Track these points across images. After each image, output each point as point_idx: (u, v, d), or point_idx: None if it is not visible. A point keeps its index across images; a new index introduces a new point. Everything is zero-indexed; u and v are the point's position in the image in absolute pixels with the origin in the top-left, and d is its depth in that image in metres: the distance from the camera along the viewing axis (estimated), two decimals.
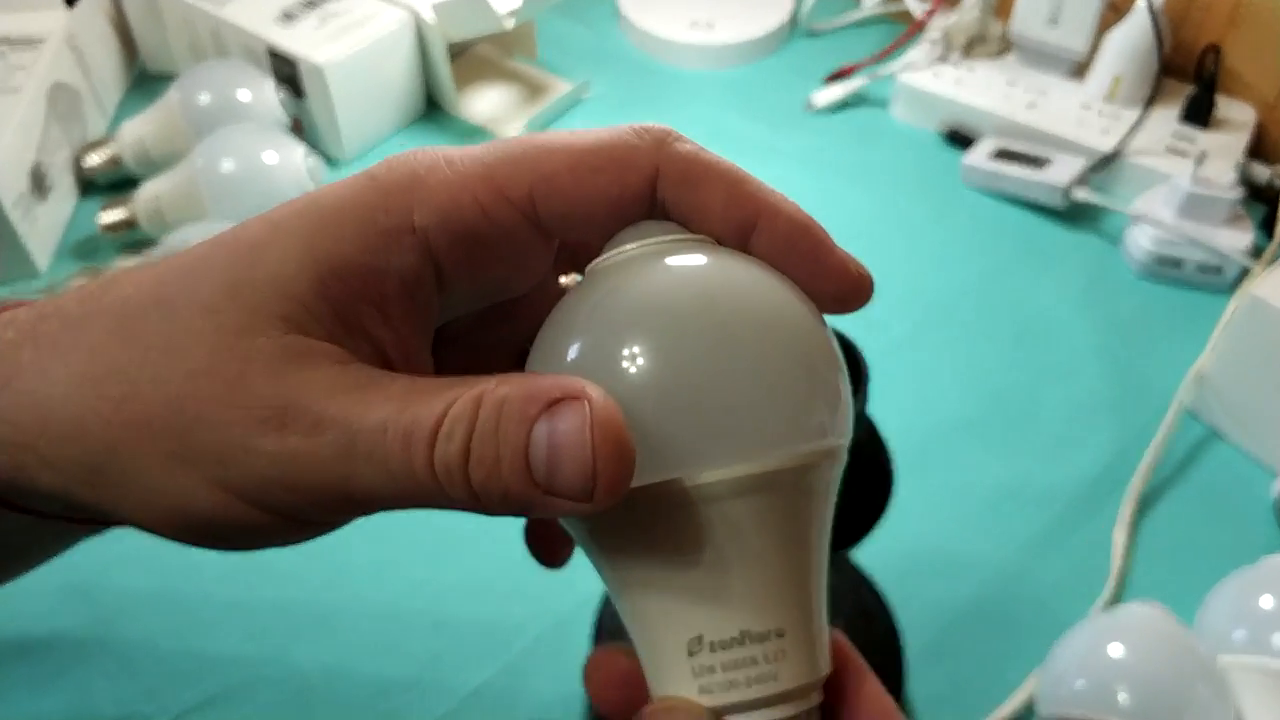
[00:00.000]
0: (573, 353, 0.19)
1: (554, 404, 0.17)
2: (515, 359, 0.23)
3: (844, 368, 0.20)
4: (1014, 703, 0.38)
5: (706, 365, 0.18)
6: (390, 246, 0.19)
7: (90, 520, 0.21)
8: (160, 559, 0.42)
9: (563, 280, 0.24)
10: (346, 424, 0.17)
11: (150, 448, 0.18)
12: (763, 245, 0.20)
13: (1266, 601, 0.37)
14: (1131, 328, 0.53)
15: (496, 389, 0.17)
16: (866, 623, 0.40)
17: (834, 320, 0.29)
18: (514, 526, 0.47)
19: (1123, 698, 0.34)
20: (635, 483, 0.17)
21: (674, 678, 0.19)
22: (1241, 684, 0.35)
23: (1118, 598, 0.42)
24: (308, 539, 0.20)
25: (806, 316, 0.20)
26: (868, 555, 0.41)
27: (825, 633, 0.20)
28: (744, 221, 0.20)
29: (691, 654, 0.19)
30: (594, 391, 0.17)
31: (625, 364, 0.18)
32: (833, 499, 0.20)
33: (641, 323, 0.18)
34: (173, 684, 0.38)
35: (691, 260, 0.19)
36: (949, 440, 0.48)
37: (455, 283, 0.20)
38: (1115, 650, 0.35)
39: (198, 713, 0.38)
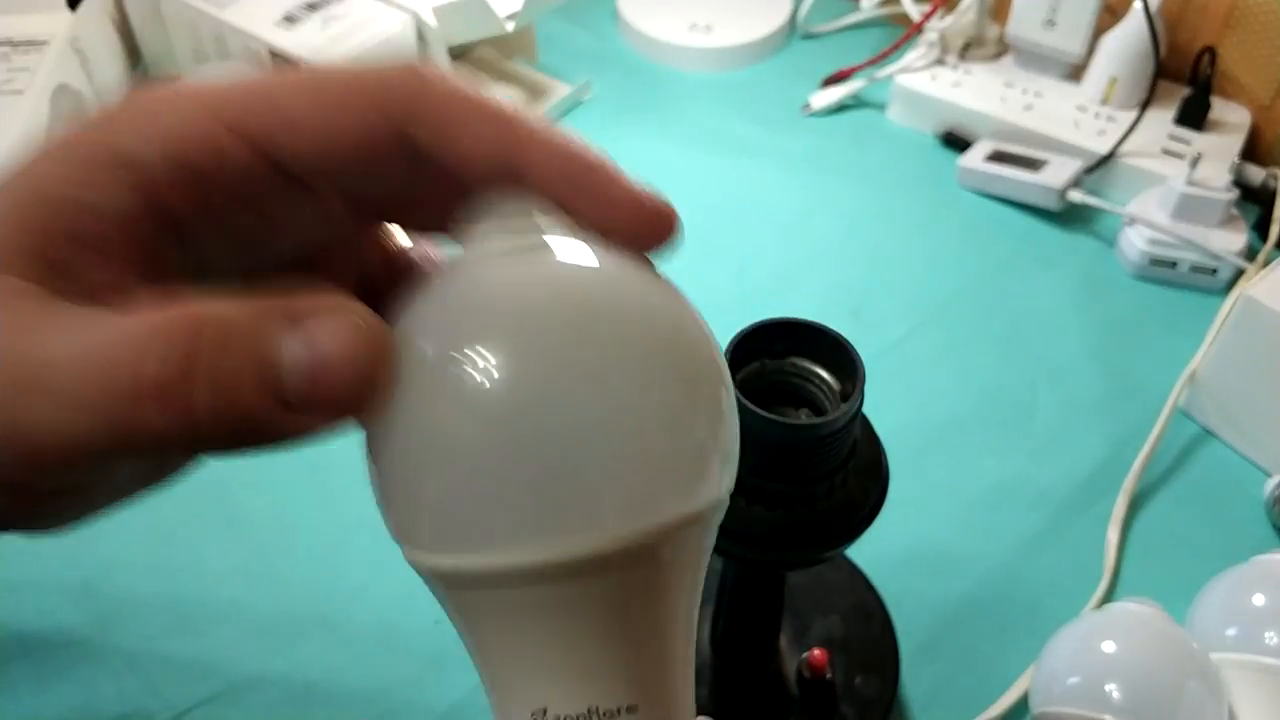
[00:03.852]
0: (411, 387, 0.16)
1: (300, 318, 0.16)
2: None
3: (724, 404, 0.18)
4: (1007, 699, 0.39)
5: (548, 427, 0.16)
6: (103, 180, 0.17)
7: None
8: (162, 556, 0.43)
9: (397, 237, 0.22)
10: (24, 355, 0.15)
11: None
12: (539, 188, 0.18)
13: (1258, 599, 0.38)
14: (1126, 328, 0.54)
15: (215, 307, 0.15)
16: (862, 620, 0.40)
17: (830, 321, 0.29)
18: None
19: (1115, 694, 0.34)
20: (467, 561, 0.16)
21: None
22: (1234, 681, 0.36)
23: (1111, 595, 0.43)
24: (57, 525, 0.18)
25: (678, 348, 0.17)
26: (863, 553, 0.42)
27: (688, 697, 0.18)
28: (512, 165, 0.18)
29: None
30: (351, 303, 0.16)
31: (466, 423, 0.16)
32: (704, 560, 0.18)
33: (486, 376, 0.16)
34: (175, 681, 0.39)
35: (542, 281, 0.17)
36: (944, 439, 0.48)
37: (196, 229, 0.18)
38: (1108, 647, 0.35)
39: (200, 710, 0.38)
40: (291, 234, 0.20)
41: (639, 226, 0.18)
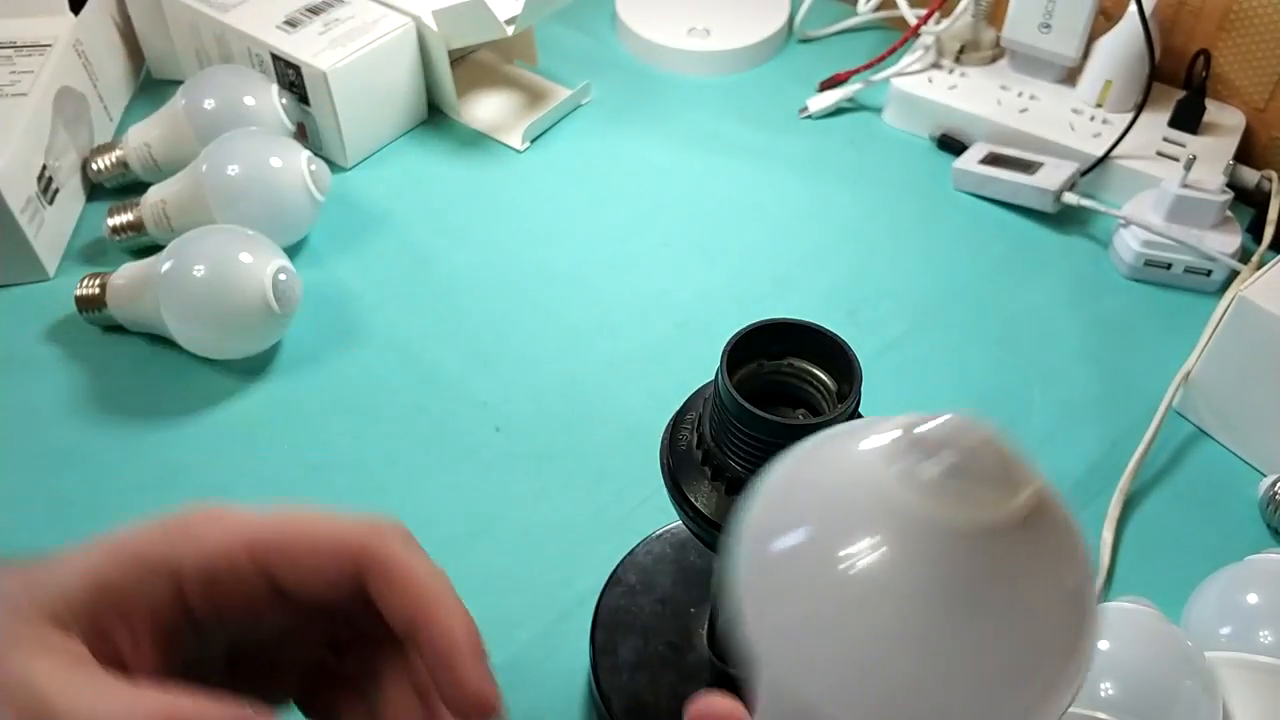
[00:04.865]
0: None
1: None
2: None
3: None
4: None
5: None
6: (149, 579, 0.24)
7: None
8: None
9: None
10: (62, 707, 0.21)
11: None
12: (419, 647, 0.24)
13: (1252, 598, 0.38)
14: (1120, 329, 0.54)
15: (181, 704, 0.21)
16: None
17: (827, 322, 0.30)
18: (512, 525, 0.47)
19: (1111, 692, 0.34)
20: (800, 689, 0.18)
21: None
22: (1228, 680, 0.36)
23: (1106, 595, 0.43)
24: None
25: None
26: None
27: None
28: (409, 623, 0.24)
29: None
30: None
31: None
32: None
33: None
34: None
35: None
36: None
37: (205, 618, 0.25)
38: (1103, 646, 0.36)
39: None
40: (268, 622, 0.26)
41: (463, 704, 0.24)
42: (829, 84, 0.69)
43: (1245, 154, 0.61)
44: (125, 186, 0.59)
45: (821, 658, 0.17)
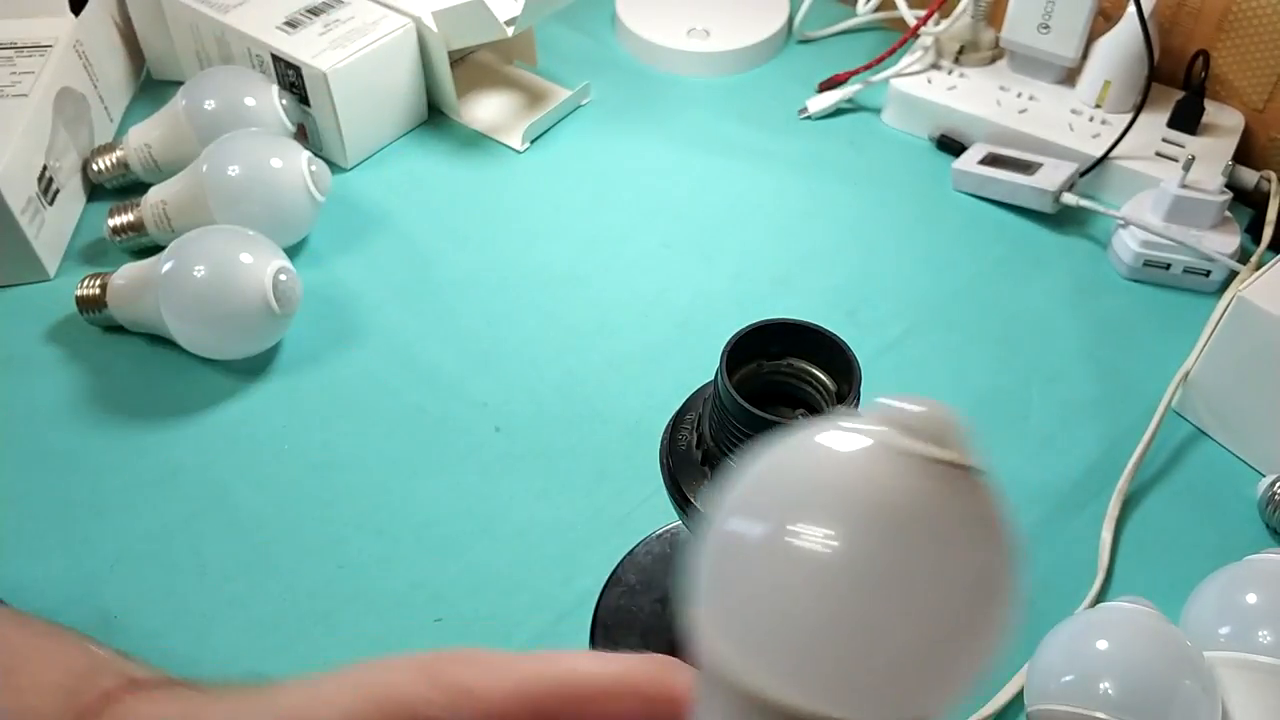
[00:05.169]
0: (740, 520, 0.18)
1: None
2: None
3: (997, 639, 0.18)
4: (1003, 697, 0.39)
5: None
6: None
7: None
8: (164, 555, 0.43)
9: None
10: None
11: None
12: None
13: (1251, 598, 0.38)
14: (1119, 329, 0.54)
15: None
16: None
17: (827, 323, 0.30)
18: (512, 525, 0.47)
19: (1110, 692, 0.34)
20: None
21: None
22: (1227, 679, 0.36)
23: (1105, 594, 0.43)
24: None
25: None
26: None
27: None
28: None
29: None
30: None
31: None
32: None
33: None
34: None
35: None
36: None
37: None
38: (1102, 645, 0.36)
39: None
40: None
41: None
42: (828, 85, 0.69)
43: (1244, 154, 0.61)
44: (126, 187, 0.59)
45: (767, 629, 0.17)
